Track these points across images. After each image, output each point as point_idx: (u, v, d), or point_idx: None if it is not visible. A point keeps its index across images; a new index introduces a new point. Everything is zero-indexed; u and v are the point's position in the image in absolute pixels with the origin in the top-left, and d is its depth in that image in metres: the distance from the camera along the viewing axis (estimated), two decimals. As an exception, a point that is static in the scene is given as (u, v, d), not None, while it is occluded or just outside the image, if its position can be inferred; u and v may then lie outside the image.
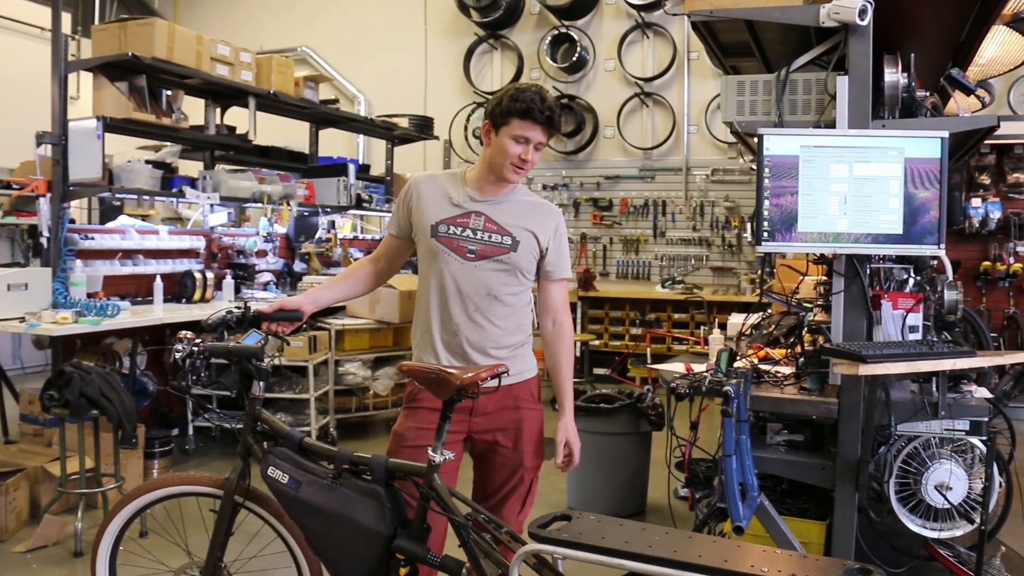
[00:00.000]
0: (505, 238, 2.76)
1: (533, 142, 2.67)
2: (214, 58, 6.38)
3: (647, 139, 9.71)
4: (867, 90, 3.13)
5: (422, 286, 2.87)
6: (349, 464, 2.62)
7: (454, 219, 2.77)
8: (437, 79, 10.63)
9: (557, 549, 2.16)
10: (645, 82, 9.68)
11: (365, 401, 6.84)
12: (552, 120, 2.67)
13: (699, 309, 8.65)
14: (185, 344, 2.77)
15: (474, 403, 2.70)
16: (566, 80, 9.99)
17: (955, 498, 3.27)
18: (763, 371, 3.44)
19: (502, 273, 2.77)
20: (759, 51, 4.09)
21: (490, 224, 2.76)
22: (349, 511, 2.56)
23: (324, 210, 7.94)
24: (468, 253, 2.75)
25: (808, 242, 2.96)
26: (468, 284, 2.76)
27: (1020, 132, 8.20)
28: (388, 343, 6.97)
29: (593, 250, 9.92)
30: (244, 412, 2.81)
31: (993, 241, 8.58)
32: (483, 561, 2.46)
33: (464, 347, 2.78)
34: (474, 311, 2.77)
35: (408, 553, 2.53)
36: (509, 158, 2.67)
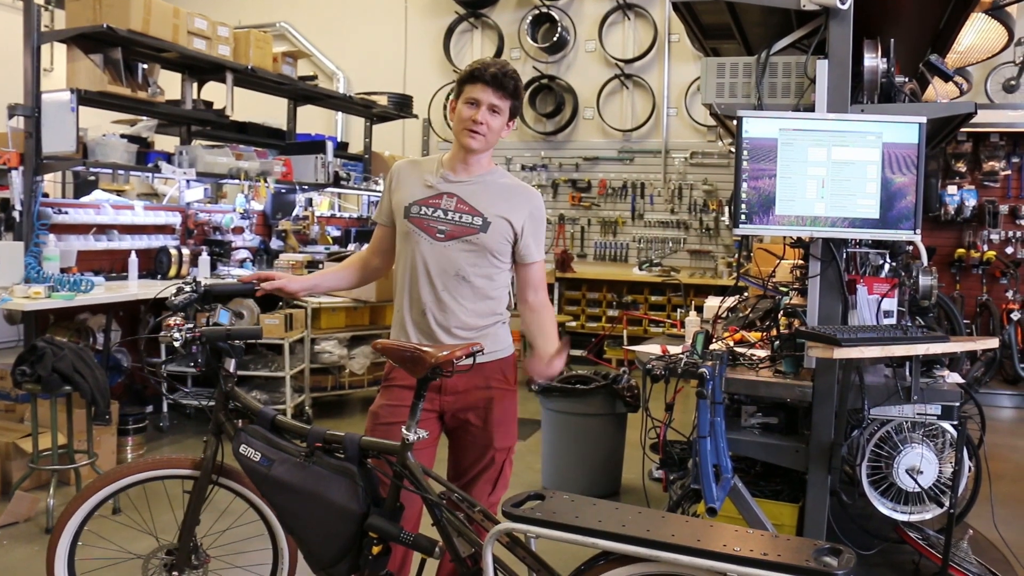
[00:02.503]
0: (475, 218, 2.77)
1: (484, 104, 2.68)
2: (191, 32, 6.30)
3: (627, 121, 9.69)
4: (847, 74, 3.13)
5: (397, 267, 2.91)
6: (322, 442, 2.61)
7: (427, 200, 2.80)
8: (417, 57, 10.55)
9: (530, 528, 2.16)
10: (625, 64, 9.66)
11: (341, 380, 6.82)
12: (498, 79, 2.68)
13: (676, 292, 8.68)
14: (180, 331, 2.73)
15: (443, 381, 2.69)
16: (546, 60, 9.95)
17: (925, 482, 3.30)
18: (738, 354, 3.45)
19: (471, 254, 2.78)
20: (740, 33, 4.08)
21: (462, 205, 2.79)
22: (322, 489, 2.55)
23: (301, 187, 7.88)
24: (438, 233, 2.77)
25: (785, 225, 2.96)
26: (437, 264, 2.78)
27: (996, 120, 8.27)
28: (364, 322, 6.94)
29: (571, 231, 9.92)
30: (216, 390, 2.80)
31: (968, 228, 8.67)
32: (456, 540, 2.46)
33: (431, 326, 2.80)
34: (442, 290, 2.79)
35: (381, 531, 2.52)
36: (462, 122, 2.71)
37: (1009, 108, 8.33)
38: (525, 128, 9.98)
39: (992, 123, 8.29)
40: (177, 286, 2.85)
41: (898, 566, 3.74)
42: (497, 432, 2.86)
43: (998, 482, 5.14)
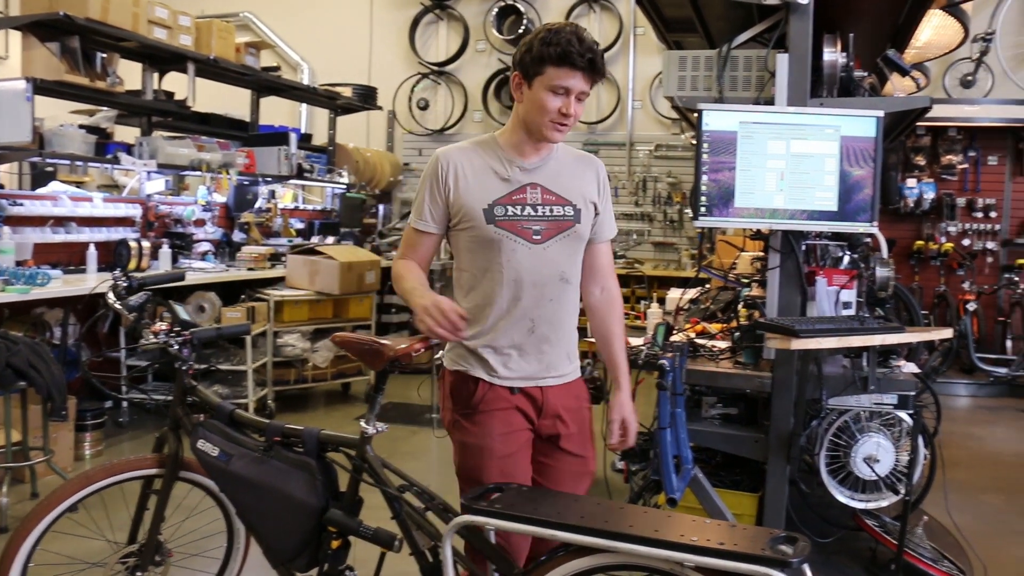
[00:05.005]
0: (567, 208, 2.39)
1: (575, 92, 2.25)
2: (151, 21, 6.23)
3: (591, 113, 9.71)
4: (806, 68, 3.16)
5: (473, 283, 2.43)
6: (281, 436, 2.59)
7: (509, 197, 2.35)
8: (382, 49, 10.49)
9: (489, 520, 2.16)
10: (591, 56, 9.64)
11: (304, 373, 6.77)
12: (594, 64, 2.24)
13: (640, 284, 8.71)
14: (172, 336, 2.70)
15: (544, 402, 2.41)
16: (512, 52, 9.89)
17: (882, 470, 3.35)
18: (699, 345, 3.47)
19: (570, 250, 2.41)
20: (703, 27, 4.10)
21: (548, 195, 2.38)
22: (280, 483, 2.53)
23: (264, 179, 7.81)
24: (534, 235, 2.35)
25: (745, 217, 2.98)
26: (540, 272, 2.36)
27: (954, 115, 8.39)
28: (328, 315, 6.91)
29: (537, 224, 9.88)
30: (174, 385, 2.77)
31: (926, 221, 8.79)
32: (416, 533, 2.46)
33: (542, 346, 2.41)
34: (549, 302, 2.39)
35: (340, 525, 2.51)
36: (548, 114, 2.26)
37: (966, 103, 8.45)
38: (490, 120, 9.96)
39: (950, 117, 8.41)
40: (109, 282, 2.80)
41: (855, 553, 3.79)
42: (591, 455, 2.54)
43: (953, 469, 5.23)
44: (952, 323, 8.11)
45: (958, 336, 7.89)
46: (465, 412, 2.41)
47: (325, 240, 8.15)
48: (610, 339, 2.57)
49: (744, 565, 1.90)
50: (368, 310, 7.22)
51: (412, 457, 5.65)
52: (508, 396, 2.38)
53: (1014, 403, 7.79)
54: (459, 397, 2.43)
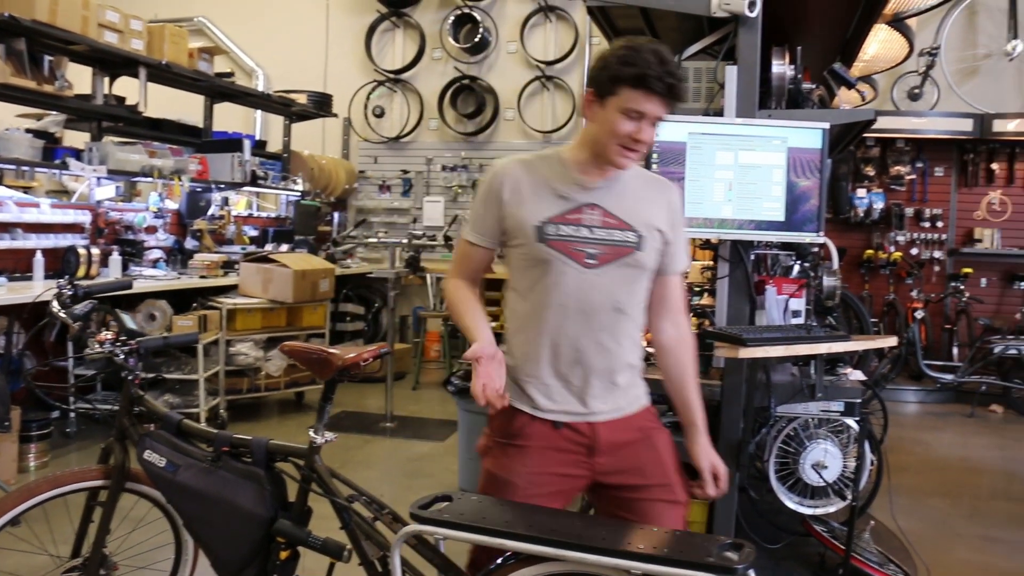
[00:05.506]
0: (628, 234, 2.22)
1: (649, 117, 2.11)
2: (102, 24, 6.15)
3: (547, 122, 9.74)
4: (755, 80, 3.20)
5: (520, 305, 2.30)
6: (229, 446, 2.57)
7: (564, 216, 2.21)
8: (338, 56, 10.44)
9: (438, 530, 2.15)
10: (547, 65, 9.70)
11: (257, 382, 6.71)
12: (674, 90, 2.09)
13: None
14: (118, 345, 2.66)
15: (595, 438, 2.24)
16: (468, 61, 9.94)
17: (830, 476, 3.40)
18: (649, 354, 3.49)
19: (628, 279, 2.25)
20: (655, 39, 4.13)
21: (609, 218, 2.22)
22: (228, 494, 2.51)
23: (218, 186, 7.74)
24: (587, 258, 2.20)
25: (694, 227, 3.01)
26: (590, 298, 2.21)
27: (902, 127, 8.57)
28: (281, 323, 6.86)
29: (492, 232, 9.89)
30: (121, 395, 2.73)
31: (876, 230, 8.95)
32: (365, 543, 2.45)
33: (588, 377, 2.25)
34: (599, 330, 2.23)
35: (289, 536, 2.49)
36: (617, 138, 2.11)
37: (913, 115, 8.63)
38: (446, 128, 9.96)
39: (898, 129, 8.59)
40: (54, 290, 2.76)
41: (805, 558, 3.84)
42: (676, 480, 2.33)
43: (902, 474, 5.33)
44: (901, 331, 8.26)
45: (906, 343, 8.04)
46: (500, 440, 2.30)
47: (279, 248, 8.09)
48: (684, 381, 2.39)
49: (690, 572, 1.91)
50: (322, 318, 7.18)
51: (365, 466, 5.62)
52: (550, 433, 2.23)
53: (960, 409, 7.95)
54: (498, 423, 2.32)
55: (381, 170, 10.24)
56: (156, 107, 7.41)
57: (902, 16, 4.52)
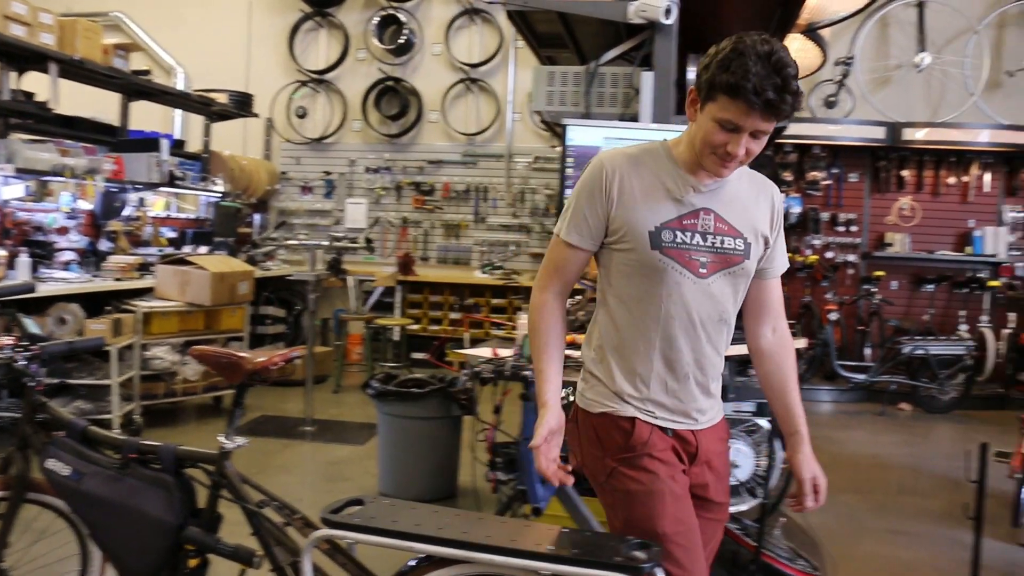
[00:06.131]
0: (738, 241, 2.06)
1: (746, 131, 1.89)
2: (8, 16, 5.95)
3: (471, 125, 9.77)
4: (670, 86, 3.26)
5: (622, 315, 2.11)
6: (137, 453, 2.52)
7: (680, 221, 2.03)
8: (261, 55, 10.30)
9: (348, 534, 2.15)
10: (471, 68, 9.73)
11: (173, 387, 6.57)
12: (774, 106, 1.84)
13: (517, 294, 8.79)
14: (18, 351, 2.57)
15: (696, 445, 2.13)
16: (392, 62, 9.90)
17: (742, 475, 3.47)
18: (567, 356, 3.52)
19: (734, 288, 2.10)
20: (574, 44, 4.18)
21: (720, 224, 2.05)
22: (135, 502, 2.47)
23: (134, 186, 7.56)
24: (700, 268, 2.03)
25: (607, 231, 3.04)
26: (702, 310, 2.05)
27: (818, 134, 8.82)
28: (199, 326, 6.73)
29: (414, 234, 9.90)
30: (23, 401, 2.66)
31: (793, 234, 9.16)
32: (275, 549, 2.43)
33: (694, 389, 2.11)
34: (706, 342, 2.09)
35: (198, 543, 2.46)
36: (711, 147, 1.94)
37: (829, 122, 8.88)
38: (369, 130, 9.91)
39: (815, 136, 8.83)
40: None
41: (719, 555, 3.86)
42: (727, 501, 2.28)
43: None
44: (816, 332, 8.47)
45: (821, 344, 8.27)
46: (624, 457, 2.08)
47: (198, 249, 7.94)
48: (786, 387, 2.24)
49: (598, 572, 1.95)
50: (241, 321, 7.07)
51: (284, 471, 5.56)
52: (666, 438, 2.10)
53: (871, 407, 8.20)
54: (612, 442, 2.10)
55: (303, 171, 10.14)
56: (70, 104, 7.22)
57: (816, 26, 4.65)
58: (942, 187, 9.01)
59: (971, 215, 8.96)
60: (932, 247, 8.97)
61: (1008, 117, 8.71)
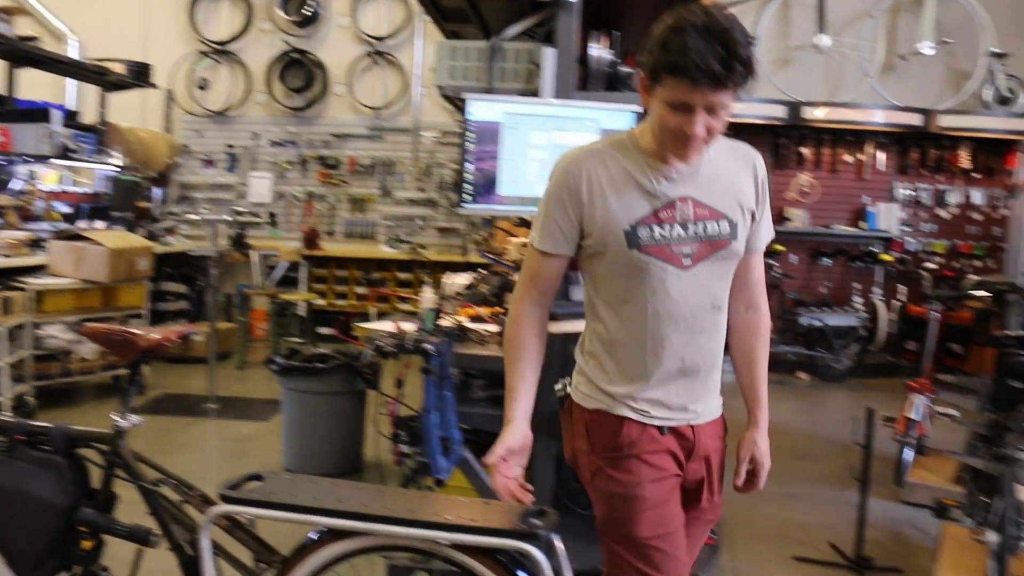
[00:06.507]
0: (722, 223, 1.97)
1: (699, 108, 1.78)
2: None
3: (377, 98, 9.65)
4: (571, 62, 3.28)
5: (609, 318, 2.04)
6: (25, 435, 2.45)
7: (656, 215, 1.93)
8: (160, 24, 9.95)
9: (246, 509, 2.14)
10: (378, 41, 9.60)
11: (69, 366, 6.37)
12: (720, 78, 1.73)
13: (424, 269, 8.78)
14: None
15: (694, 441, 2.05)
16: (297, 34, 9.69)
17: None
18: (469, 329, 3.54)
19: (722, 272, 2.02)
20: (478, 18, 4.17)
21: (700, 208, 1.95)
22: (23, 485, 2.40)
23: (23, 159, 7.26)
24: (684, 259, 1.95)
25: (508, 205, 3.07)
26: (689, 301, 1.97)
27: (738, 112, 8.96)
28: (96, 304, 6.53)
29: (319, 209, 9.77)
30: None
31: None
32: (173, 527, 2.40)
33: (693, 383, 2.04)
34: (700, 333, 2.00)
35: (91, 525, 2.41)
36: (668, 131, 1.84)
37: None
38: (274, 103, 9.71)
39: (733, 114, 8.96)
40: None
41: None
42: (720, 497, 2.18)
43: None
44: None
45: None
46: (610, 457, 2.02)
47: (94, 224, 7.68)
48: (752, 365, 2.19)
49: (496, 540, 1.98)
50: (140, 298, 6.89)
51: (186, 449, 5.47)
52: (659, 437, 2.02)
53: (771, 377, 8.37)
54: (601, 439, 2.04)
55: (206, 144, 9.89)
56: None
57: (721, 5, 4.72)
58: (839, 165, 9.27)
59: (866, 192, 9.26)
60: (829, 222, 9.24)
61: (901, 99, 9.02)
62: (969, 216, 9.20)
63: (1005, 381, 3.68)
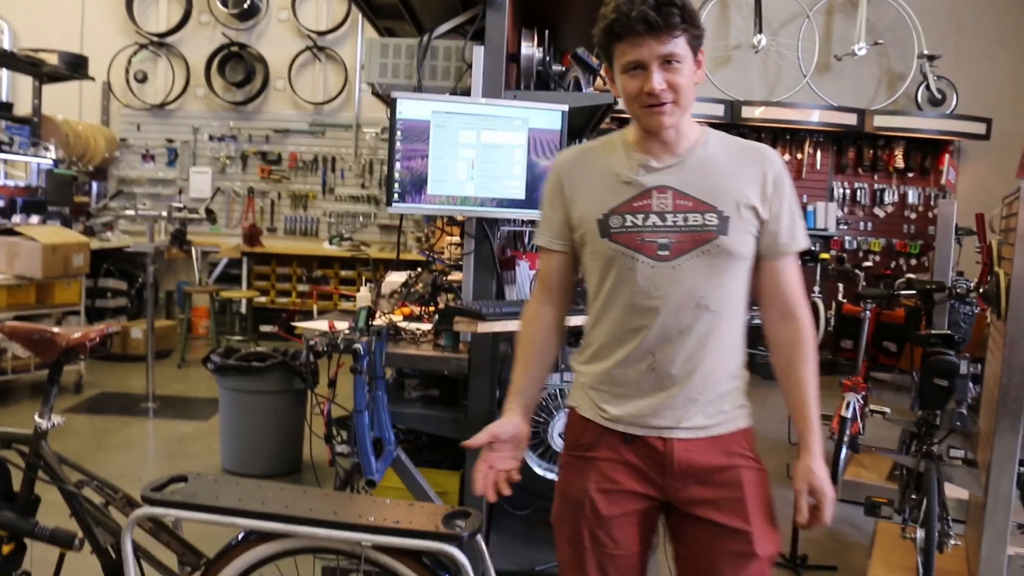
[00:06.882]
0: (708, 215, 1.90)
1: (652, 63, 1.80)
2: None
3: (318, 94, 9.59)
4: (501, 61, 3.29)
5: (592, 305, 2.02)
6: (-57, 436, 2.41)
7: (629, 204, 1.92)
8: (96, 14, 9.78)
9: (169, 511, 2.14)
10: (319, 35, 9.54)
11: (3, 365, 6.25)
12: (651, 21, 1.76)
13: (366, 266, 8.75)
14: None
15: (668, 455, 1.92)
16: (237, 27, 9.59)
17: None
18: (402, 328, 3.55)
19: (712, 270, 1.91)
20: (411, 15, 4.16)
21: (682, 200, 1.91)
22: (-60, 487, 2.36)
23: (-47, 152, 7.11)
24: (660, 249, 1.90)
25: (437, 204, 3.08)
26: (665, 295, 1.89)
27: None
28: (31, 300, 6.43)
29: (260, 205, 9.68)
30: None
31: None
32: (96, 530, 2.38)
33: (668, 389, 1.92)
34: (677, 334, 1.90)
35: (11, 528, 2.39)
36: (634, 100, 1.85)
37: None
38: (214, 97, 9.59)
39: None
40: None
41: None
42: (758, 531, 1.92)
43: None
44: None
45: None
46: (572, 454, 2.02)
47: (29, 219, 7.53)
48: (796, 383, 1.98)
49: (417, 541, 2.01)
50: (76, 295, 6.78)
51: (123, 449, 5.39)
52: (619, 446, 1.95)
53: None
54: (569, 437, 2.06)
55: (144, 138, 9.75)
56: None
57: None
58: (778, 163, 9.41)
59: (804, 191, 9.39)
60: (768, 220, 9.37)
61: (836, 99, 9.18)
62: (904, 215, 9.40)
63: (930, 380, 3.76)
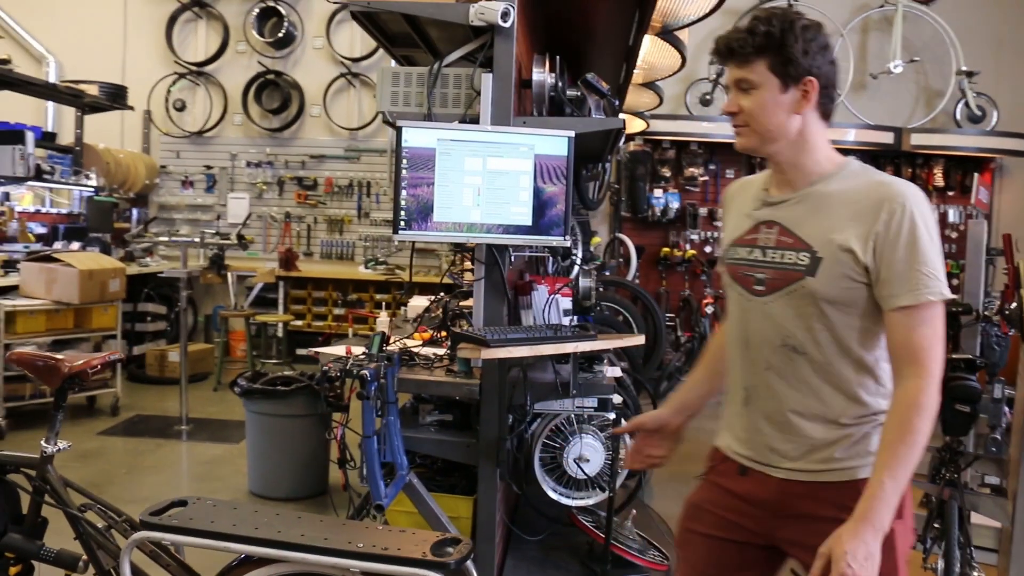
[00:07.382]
0: (802, 254, 1.84)
1: (731, 85, 1.92)
2: None
3: (353, 119, 9.70)
4: (509, 88, 3.30)
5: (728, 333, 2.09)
6: (-46, 460, 2.47)
7: (743, 237, 1.98)
8: (137, 46, 10.02)
9: (165, 535, 2.16)
10: (353, 62, 9.65)
11: (41, 388, 6.38)
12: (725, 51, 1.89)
13: (400, 290, 8.80)
14: None
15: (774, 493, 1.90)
16: (273, 56, 9.75)
17: (592, 469, 3.56)
18: (414, 354, 3.56)
19: (802, 312, 1.85)
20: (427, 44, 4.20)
21: (785, 236, 1.88)
22: (-49, 510, 2.41)
23: (-2, 181, 7.30)
24: (756, 284, 1.91)
25: (443, 231, 3.09)
26: (754, 330, 1.92)
27: (695, 131, 9.05)
28: (68, 325, 6.56)
29: (297, 230, 9.80)
30: None
31: (672, 229, 9.39)
32: (99, 552, 2.41)
33: (759, 424, 1.93)
34: (765, 371, 1.91)
35: (19, 551, 2.43)
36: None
37: (705, 120, 9.11)
38: (251, 124, 9.75)
39: (691, 133, 9.07)
40: None
41: (575, 548, 4.01)
42: None
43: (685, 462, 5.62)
44: (695, 325, 8.70)
45: (698, 337, 8.48)
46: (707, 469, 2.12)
47: (70, 245, 7.70)
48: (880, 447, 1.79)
49: (403, 568, 2.01)
50: (114, 320, 6.90)
51: (154, 471, 5.46)
52: (735, 476, 1.98)
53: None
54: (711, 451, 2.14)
55: (184, 165, 9.93)
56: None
57: (671, 28, 4.78)
58: (814, 183, 9.31)
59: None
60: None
61: (872, 117, 9.08)
62: (945, 234, 9.23)
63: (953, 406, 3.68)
